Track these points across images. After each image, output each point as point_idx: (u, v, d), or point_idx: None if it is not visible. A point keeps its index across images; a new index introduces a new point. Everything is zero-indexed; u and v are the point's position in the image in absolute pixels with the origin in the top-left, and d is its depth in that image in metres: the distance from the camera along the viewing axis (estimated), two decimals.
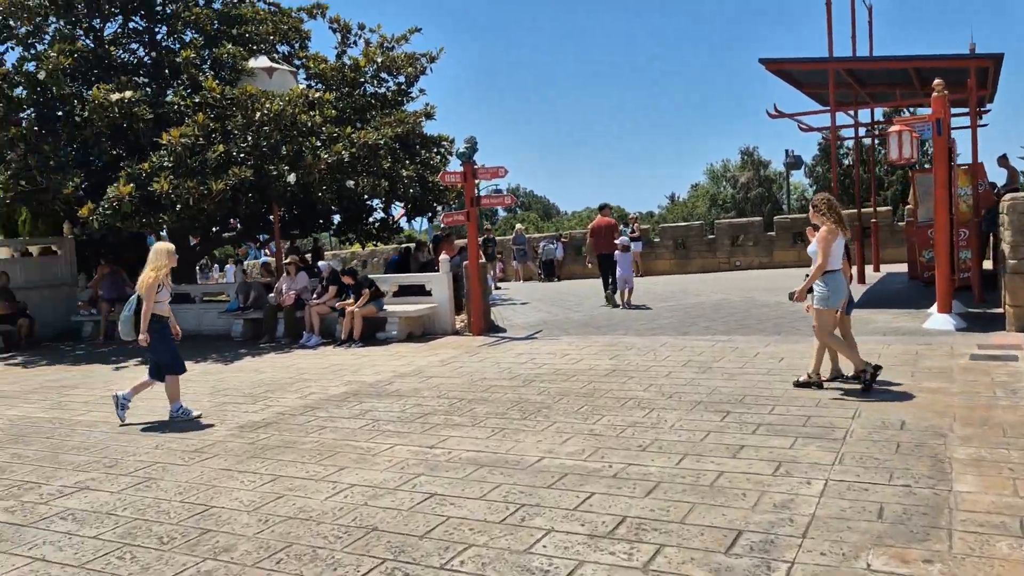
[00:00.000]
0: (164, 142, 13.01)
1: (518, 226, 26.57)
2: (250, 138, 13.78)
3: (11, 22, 14.69)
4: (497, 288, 20.96)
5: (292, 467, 6.08)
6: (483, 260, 22.04)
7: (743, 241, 24.37)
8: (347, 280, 13.24)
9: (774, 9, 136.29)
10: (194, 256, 18.50)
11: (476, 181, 13.31)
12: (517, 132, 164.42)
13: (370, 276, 14.05)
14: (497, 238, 26.86)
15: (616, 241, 15.54)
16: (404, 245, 21.47)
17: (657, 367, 9.17)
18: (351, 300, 13.07)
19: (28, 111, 14.78)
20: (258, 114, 13.70)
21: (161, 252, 8.09)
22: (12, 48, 15.30)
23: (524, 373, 9.35)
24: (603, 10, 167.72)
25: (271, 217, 15.90)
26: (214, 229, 17.31)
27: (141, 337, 7.90)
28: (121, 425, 7.97)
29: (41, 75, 13.88)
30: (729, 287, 18.11)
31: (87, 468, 6.45)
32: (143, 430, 7.73)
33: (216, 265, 45.89)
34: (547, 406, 7.55)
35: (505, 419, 7.15)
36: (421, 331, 13.43)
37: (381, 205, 18.21)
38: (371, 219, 18.50)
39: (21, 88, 14.53)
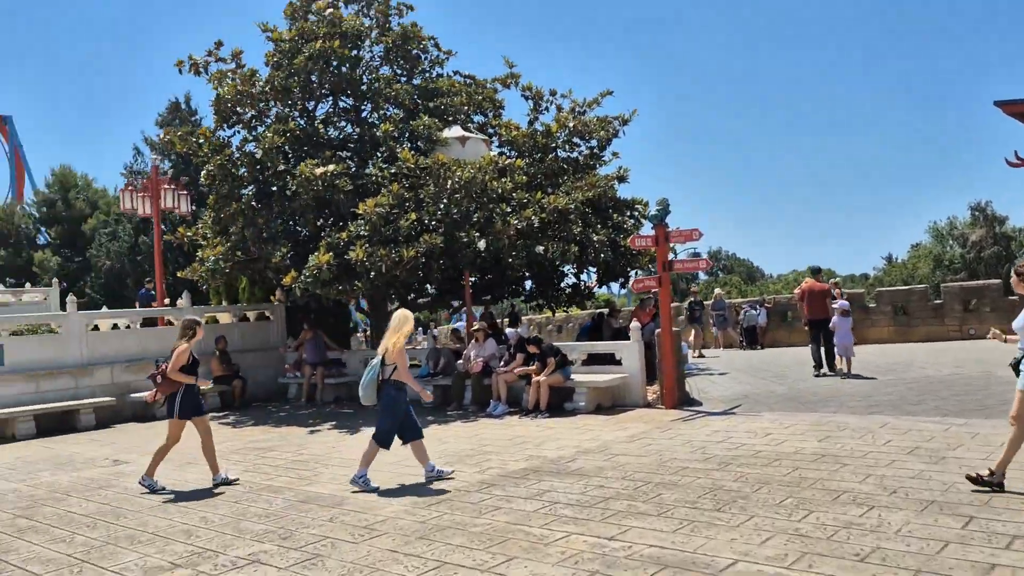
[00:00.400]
0: (361, 212, 13.52)
1: (717, 291, 25.30)
2: (442, 206, 14.01)
3: (238, 108, 16.06)
4: (701, 355, 19.87)
5: (459, 553, 5.64)
6: (685, 324, 21.26)
7: (977, 306, 21.67)
8: (532, 349, 12.92)
9: (1006, 47, 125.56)
10: None
11: (669, 245, 12.65)
12: (716, 191, 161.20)
13: (556, 344, 13.66)
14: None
15: (834, 305, 14.53)
16: (598, 311, 21.01)
17: (876, 453, 7.95)
18: (535, 367, 12.73)
19: (249, 188, 16.00)
20: (449, 182, 13.94)
21: (408, 318, 8.25)
22: (239, 131, 16.71)
23: (719, 454, 8.45)
24: (804, 57, 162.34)
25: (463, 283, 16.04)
26: (411, 296, 17.76)
27: (425, 397, 8.11)
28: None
29: (259, 154, 15.00)
30: (962, 359, 15.97)
31: (263, 538, 6.37)
32: (322, 501, 7.65)
33: (420, 329, 47.79)
34: (744, 496, 6.65)
35: (696, 509, 6.34)
36: (610, 402, 12.79)
37: (573, 270, 17.92)
38: (563, 285, 18.24)
39: (244, 168, 15.77)
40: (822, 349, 14.85)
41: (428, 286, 17.65)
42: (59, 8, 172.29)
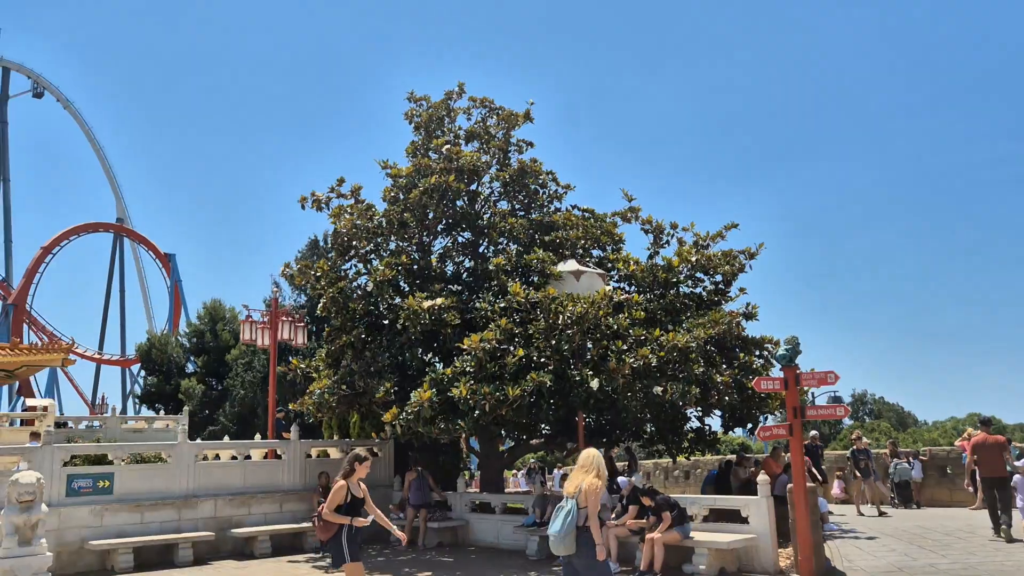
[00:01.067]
0: (465, 347, 12.98)
1: (863, 439, 22.74)
2: (552, 342, 13.29)
3: (354, 243, 16.21)
4: (883, 513, 17.43)
5: None
6: (855, 477, 18.64)
7: None
8: (646, 501, 11.64)
9: None
10: (502, 463, 18.11)
11: (800, 388, 11.30)
12: (860, 328, 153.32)
13: (674, 496, 12.29)
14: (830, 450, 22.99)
15: (1017, 463, 12.78)
16: (725, 459, 19.29)
17: None
18: (649, 521, 11.42)
19: (362, 321, 15.88)
20: (560, 317, 13.26)
21: (597, 457, 7.35)
22: (355, 265, 16.83)
23: None
24: (960, 180, 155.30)
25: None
26: (522, 436, 16.86)
27: (600, 552, 6.96)
28: None
29: (370, 287, 14.91)
30: None
31: None
32: None
33: (545, 469, 46.20)
34: None
35: None
36: (735, 567, 11.24)
37: (697, 414, 16.55)
38: (686, 428, 16.84)
39: (359, 301, 15.69)
40: (1000, 513, 13.12)
41: (542, 426, 16.71)
42: (216, 152, 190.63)
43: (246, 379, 40.29)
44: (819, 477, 17.54)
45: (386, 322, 15.53)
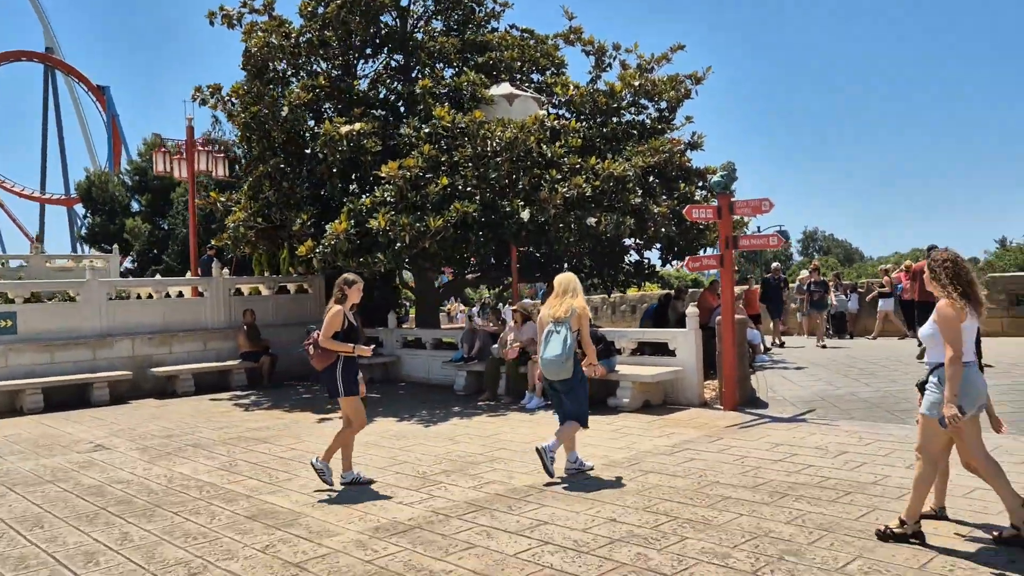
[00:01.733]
0: (384, 175, 12.07)
1: (803, 273, 22.77)
2: (481, 170, 12.45)
3: (270, 64, 14.80)
4: (824, 346, 17.42)
5: None
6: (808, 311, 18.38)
7: None
8: None
9: None
10: (437, 298, 17.69)
11: (735, 217, 10.75)
12: (814, 167, 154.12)
13: (600, 329, 11.95)
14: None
15: None
16: (664, 292, 19.10)
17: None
18: None
19: (280, 150, 14.76)
20: (489, 144, 12.35)
21: (578, 281, 7.29)
22: (272, 88, 15.47)
23: (775, 480, 6.68)
24: (910, 14, 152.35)
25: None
26: (444, 270, 16.31)
27: (598, 370, 7.56)
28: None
29: (284, 111, 13.74)
30: None
31: (191, 565, 5.05)
32: (273, 517, 6.27)
33: (501, 305, 46.37)
34: (795, 551, 4.93)
35: (725, 569, 4.66)
36: (661, 399, 11.06)
37: (639, 245, 16.07)
38: (625, 262, 16.43)
39: (278, 128, 14.50)
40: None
41: (473, 260, 16.14)
42: None
43: (186, 217, 38.97)
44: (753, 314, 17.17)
45: (307, 151, 14.48)
